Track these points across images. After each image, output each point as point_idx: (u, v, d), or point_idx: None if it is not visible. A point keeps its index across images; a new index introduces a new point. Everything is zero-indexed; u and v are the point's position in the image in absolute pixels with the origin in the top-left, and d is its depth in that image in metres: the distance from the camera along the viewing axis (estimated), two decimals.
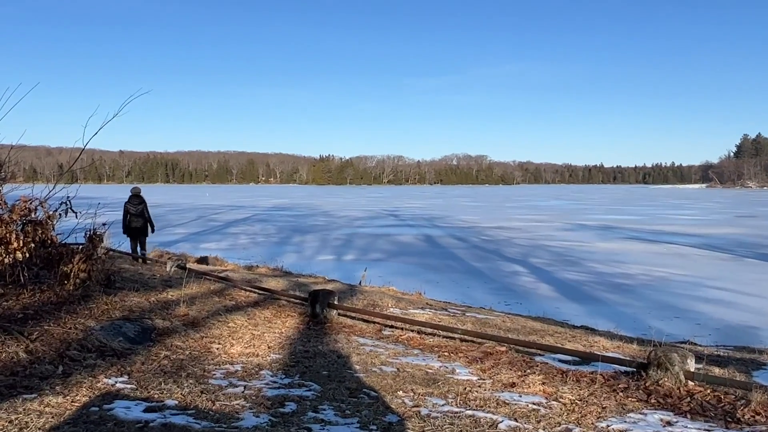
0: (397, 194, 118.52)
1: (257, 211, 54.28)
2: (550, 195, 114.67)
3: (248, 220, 41.73)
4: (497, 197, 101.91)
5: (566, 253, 23.28)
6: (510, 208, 63.90)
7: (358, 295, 10.42)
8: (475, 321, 9.01)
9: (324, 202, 77.47)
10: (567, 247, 25.12)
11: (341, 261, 21.21)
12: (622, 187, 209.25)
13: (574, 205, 71.59)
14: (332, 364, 5.59)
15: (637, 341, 8.20)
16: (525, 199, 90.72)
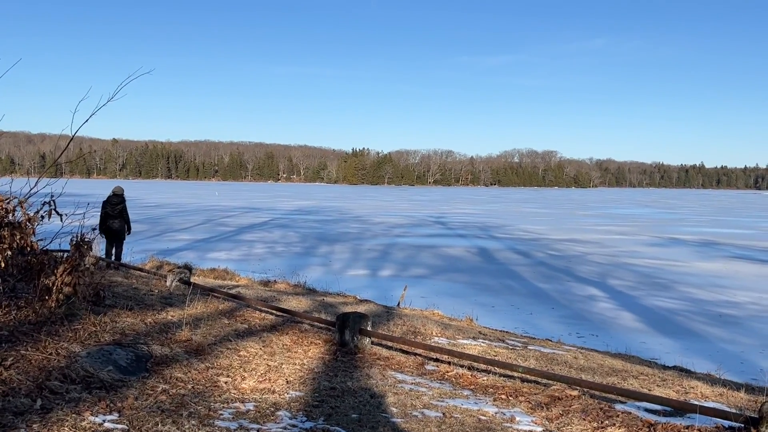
0: (445, 197, 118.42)
1: (276, 214, 54.86)
2: (636, 201, 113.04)
3: (265, 226, 42.18)
4: (568, 203, 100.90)
5: (655, 274, 22.91)
6: (584, 216, 63.19)
7: (396, 319, 10.41)
8: (539, 356, 8.90)
9: (356, 205, 77.83)
10: (656, 267, 24.72)
11: (376, 277, 21.24)
12: (727, 193, 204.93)
13: (666, 214, 70.44)
14: (363, 405, 5.57)
15: (745, 388, 8.00)
16: (603, 206, 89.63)
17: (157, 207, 60.74)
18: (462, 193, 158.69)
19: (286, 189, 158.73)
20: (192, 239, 31.98)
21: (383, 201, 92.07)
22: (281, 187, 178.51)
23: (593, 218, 59.71)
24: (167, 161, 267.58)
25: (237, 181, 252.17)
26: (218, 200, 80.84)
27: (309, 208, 66.13)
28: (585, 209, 79.29)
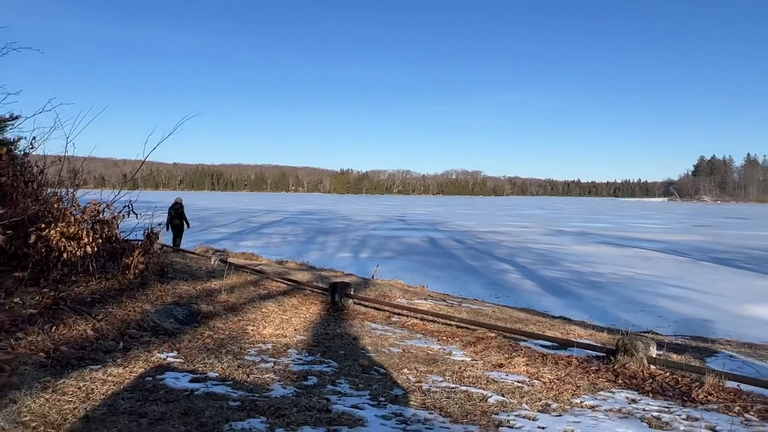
0: (405, 203, 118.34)
1: (287, 215, 54.39)
2: (535, 205, 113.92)
3: (280, 223, 41.81)
4: (490, 206, 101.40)
5: (547, 254, 23.09)
6: (500, 215, 63.54)
7: (371, 287, 10.39)
8: (469, 311, 8.95)
9: (344, 208, 77.46)
10: (548, 249, 24.92)
11: (357, 258, 21.15)
12: (595, 200, 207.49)
13: (555, 214, 71.06)
14: (348, 344, 5.57)
15: (607, 330, 8.08)
16: (513, 209, 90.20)
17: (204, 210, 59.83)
18: (417, 200, 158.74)
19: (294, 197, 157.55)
20: (228, 232, 31.59)
21: (362, 206, 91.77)
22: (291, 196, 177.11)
23: (506, 217, 60.05)
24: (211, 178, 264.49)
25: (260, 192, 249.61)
26: (246, 206, 79.88)
27: (310, 211, 65.64)
28: (501, 211, 79.71)
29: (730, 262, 21.07)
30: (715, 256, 23.12)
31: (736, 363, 6.06)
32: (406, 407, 3.72)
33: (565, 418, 3.66)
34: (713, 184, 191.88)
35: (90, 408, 3.24)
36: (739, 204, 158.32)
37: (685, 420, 3.74)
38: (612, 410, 3.89)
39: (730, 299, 13.39)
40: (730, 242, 30.07)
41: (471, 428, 3.39)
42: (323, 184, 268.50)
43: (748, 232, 38.83)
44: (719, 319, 11.43)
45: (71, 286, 5.71)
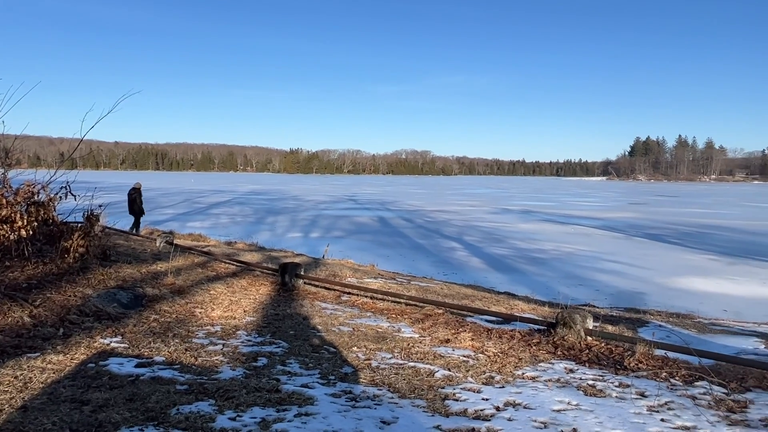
0: (355, 182, 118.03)
1: (236, 195, 53.26)
2: (482, 184, 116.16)
3: (228, 203, 40.91)
4: (438, 186, 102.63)
5: (494, 232, 23.66)
6: (449, 195, 64.48)
7: (321, 266, 10.37)
8: (418, 288, 9.07)
9: (294, 188, 76.55)
10: (494, 228, 25.52)
11: (308, 238, 21.03)
12: (539, 179, 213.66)
13: (501, 193, 72.73)
14: (298, 324, 5.56)
15: (549, 304, 8.39)
16: (461, 188, 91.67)
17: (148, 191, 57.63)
18: (367, 179, 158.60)
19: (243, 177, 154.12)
20: (175, 213, 30.67)
21: (312, 185, 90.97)
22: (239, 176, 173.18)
23: (454, 196, 61.00)
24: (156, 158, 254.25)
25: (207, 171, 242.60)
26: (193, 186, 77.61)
27: (259, 191, 64.51)
28: (449, 190, 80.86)
29: (661, 237, 22.25)
30: (648, 232, 24.34)
31: (664, 332, 6.44)
32: (355, 385, 3.76)
33: (508, 390, 3.80)
34: (648, 164, 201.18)
35: (28, 398, 3.11)
36: (670, 183, 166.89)
37: (617, 387, 3.96)
38: (551, 380, 4.06)
39: (661, 272, 14.17)
40: (662, 219, 31.70)
41: (418, 402, 3.47)
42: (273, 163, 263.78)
43: (678, 209, 41.02)
44: (651, 291, 12.09)
45: (5, 272, 5.42)
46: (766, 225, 28.37)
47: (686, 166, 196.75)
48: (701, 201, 55.27)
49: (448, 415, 3.28)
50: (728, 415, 3.43)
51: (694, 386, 4.01)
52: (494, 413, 3.33)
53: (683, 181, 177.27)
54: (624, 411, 3.44)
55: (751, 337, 6.52)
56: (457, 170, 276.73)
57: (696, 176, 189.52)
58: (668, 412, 3.46)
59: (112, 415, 2.95)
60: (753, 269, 14.68)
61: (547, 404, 3.51)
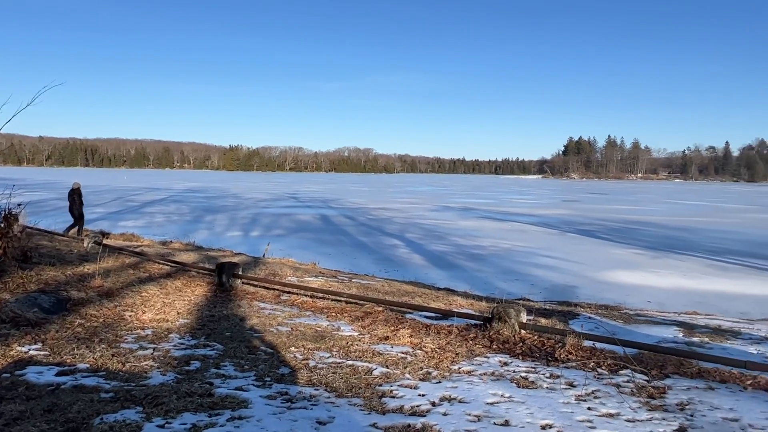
0: (297, 180, 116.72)
1: (172, 193, 51.41)
2: (423, 182, 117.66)
3: (164, 201, 39.44)
4: (381, 183, 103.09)
5: (434, 229, 23.99)
6: (391, 192, 64.88)
7: (261, 266, 10.18)
8: (359, 286, 9.07)
9: (233, 185, 74.73)
10: (435, 225, 25.88)
11: (248, 237, 20.58)
12: (479, 177, 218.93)
13: (442, 190, 73.91)
14: (235, 326, 5.42)
15: (486, 299, 8.58)
16: (403, 185, 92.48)
17: None
18: (309, 177, 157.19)
19: (180, 174, 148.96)
20: (106, 211, 29.23)
21: (253, 183, 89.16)
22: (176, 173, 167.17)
23: (396, 193, 61.45)
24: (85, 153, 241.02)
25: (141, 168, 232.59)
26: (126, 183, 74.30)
27: (197, 188, 62.56)
28: (391, 188, 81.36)
29: (592, 233, 23.29)
30: (580, 228, 25.43)
31: (593, 323, 6.74)
32: (292, 385, 3.70)
33: (444, 385, 3.86)
34: (580, 163, 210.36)
35: None
36: (601, 181, 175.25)
37: (548, 378, 4.10)
38: (486, 374, 4.16)
39: (591, 267, 14.82)
40: (593, 215, 33.20)
41: (355, 401, 3.46)
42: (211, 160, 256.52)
43: (607, 206, 43.11)
44: (582, 284, 12.62)
45: None
46: (686, 221, 30.28)
47: (615, 165, 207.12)
48: (628, 198, 58.35)
49: (385, 412, 3.29)
50: (648, 401, 3.62)
51: (619, 375, 4.21)
52: (430, 409, 3.37)
53: (612, 179, 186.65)
54: (554, 401, 3.57)
55: (672, 326, 6.92)
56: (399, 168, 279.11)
57: (624, 174, 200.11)
58: (594, 400, 3.62)
59: (27, 428, 2.76)
60: (674, 262, 15.61)
61: (481, 397, 3.59)
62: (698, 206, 44.68)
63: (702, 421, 3.31)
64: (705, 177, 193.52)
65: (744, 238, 22.05)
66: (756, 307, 10.26)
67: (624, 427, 3.18)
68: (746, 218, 32.82)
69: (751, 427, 3.24)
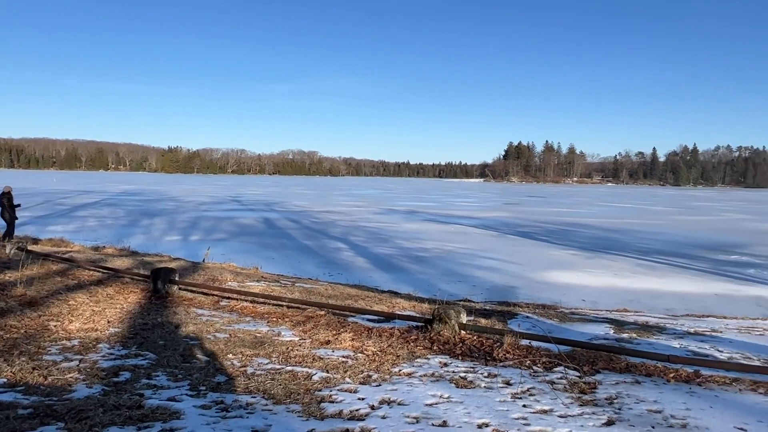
0: (239, 183, 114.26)
1: (106, 195, 49.13)
2: (368, 185, 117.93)
3: (97, 204, 37.61)
4: (325, 186, 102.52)
5: (379, 232, 24.05)
6: (336, 195, 64.61)
7: (200, 271, 9.88)
8: (302, 290, 8.96)
9: (172, 188, 72.24)
10: (379, 228, 25.95)
11: (187, 241, 19.93)
12: (423, 180, 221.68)
13: (387, 193, 74.30)
14: (169, 334, 5.22)
15: (429, 301, 8.63)
16: (348, 188, 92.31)
17: None
18: (252, 180, 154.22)
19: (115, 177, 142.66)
20: (33, 216, 27.54)
21: (193, 186, 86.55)
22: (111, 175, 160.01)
23: (341, 196, 61.25)
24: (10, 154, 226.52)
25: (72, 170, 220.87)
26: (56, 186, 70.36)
27: (134, 191, 60.06)
28: (336, 191, 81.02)
29: (531, 235, 24.04)
30: (520, 230, 26.20)
31: (530, 323, 6.93)
32: (228, 394, 3.60)
33: (384, 387, 3.85)
34: (520, 167, 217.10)
35: None
36: (539, 184, 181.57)
37: (486, 377, 4.18)
38: (426, 375, 4.19)
39: (530, 267, 15.29)
40: (532, 218, 34.30)
41: (293, 407, 3.40)
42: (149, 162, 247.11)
43: (545, 209, 44.65)
44: (521, 285, 12.98)
45: None
46: (617, 223, 31.78)
47: (553, 169, 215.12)
48: (565, 201, 60.68)
49: (323, 417, 3.25)
50: (580, 396, 3.75)
51: (553, 372, 4.35)
52: (369, 412, 3.36)
53: (550, 183, 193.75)
54: (491, 400, 3.63)
55: (604, 324, 7.22)
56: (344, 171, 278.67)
57: (561, 178, 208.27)
58: (530, 397, 3.71)
59: None
60: (607, 262, 16.34)
61: (420, 399, 3.61)
62: (628, 209, 47.04)
63: (629, 413, 3.46)
64: (635, 181, 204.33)
65: (669, 238, 23.38)
66: (680, 303, 10.88)
67: (556, 422, 3.28)
68: (671, 220, 34.85)
69: (673, 417, 3.42)
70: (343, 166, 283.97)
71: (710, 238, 23.64)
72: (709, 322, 7.60)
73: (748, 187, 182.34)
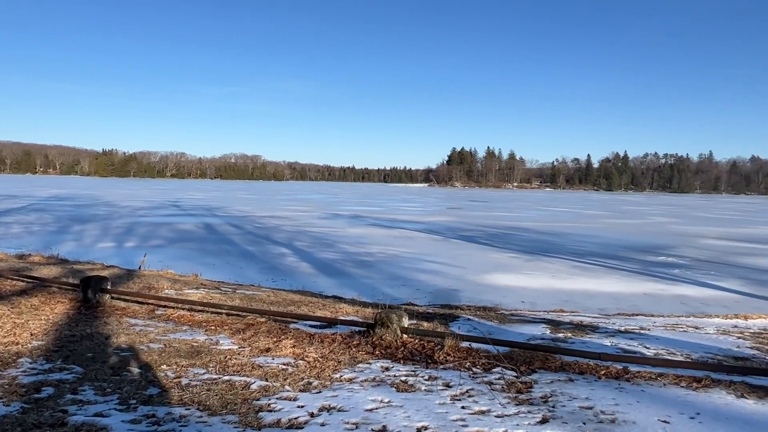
0: (179, 187, 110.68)
1: (34, 200, 46.34)
2: (313, 190, 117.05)
3: (23, 210, 35.40)
4: (269, 191, 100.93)
5: (323, 237, 23.89)
6: (280, 200, 63.72)
7: (135, 279, 9.47)
8: (243, 297, 8.75)
9: (107, 193, 69.05)
10: (324, 233, 25.79)
11: (122, 248, 19.08)
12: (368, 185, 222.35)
13: (331, 198, 73.97)
14: (99, 345, 4.96)
15: (372, 305, 8.61)
16: (292, 193, 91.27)
17: None
18: (193, 184, 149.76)
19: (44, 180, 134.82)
20: None
21: (130, 190, 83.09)
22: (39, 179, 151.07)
23: (286, 201, 60.47)
24: None
25: None
26: None
27: (64, 196, 56.95)
28: (280, 195, 79.92)
29: (473, 238, 24.56)
30: (463, 234, 26.71)
31: (471, 325, 7.05)
32: (160, 407, 3.45)
33: (324, 394, 3.81)
34: (463, 172, 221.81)
35: None
36: (482, 189, 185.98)
37: (427, 380, 4.21)
38: (367, 380, 4.18)
39: (472, 270, 15.60)
40: (474, 222, 35.06)
41: (230, 418, 3.30)
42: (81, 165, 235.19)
43: (487, 213, 45.76)
44: (464, 287, 13.21)
45: None
46: (555, 226, 32.98)
47: (494, 174, 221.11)
48: (506, 205, 62.43)
49: (260, 427, 3.17)
50: (516, 396, 3.85)
51: (492, 373, 4.44)
52: (308, 420, 3.31)
53: (492, 188, 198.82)
54: (431, 403, 3.66)
55: (541, 324, 7.45)
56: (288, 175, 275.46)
57: (502, 183, 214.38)
58: (468, 399, 3.77)
59: None
60: (545, 264, 16.91)
61: (361, 404, 3.60)
62: (565, 213, 48.94)
63: (562, 411, 3.58)
64: (571, 186, 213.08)
65: (602, 241, 24.48)
66: (612, 303, 11.40)
67: (493, 422, 3.35)
68: (604, 223, 36.52)
69: (603, 413, 3.56)
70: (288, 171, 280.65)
71: (639, 241, 24.93)
72: (639, 321, 8.00)
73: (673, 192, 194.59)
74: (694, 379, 4.29)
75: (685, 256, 19.50)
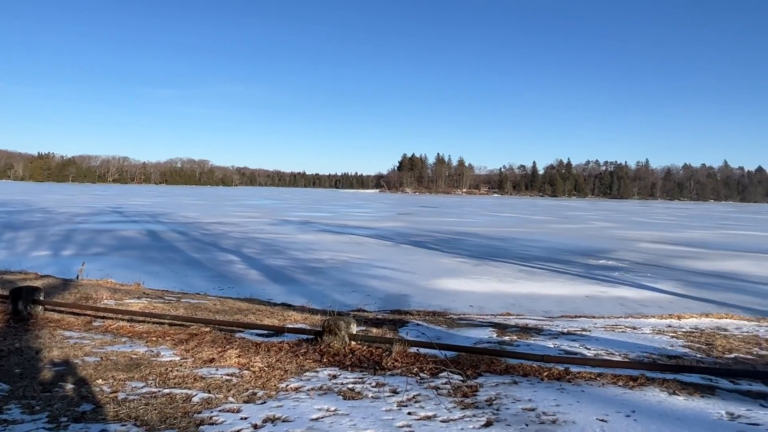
0: (122, 192, 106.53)
1: None
2: (263, 195, 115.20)
3: None
4: (217, 197, 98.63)
5: (273, 243, 23.53)
6: (228, 206, 62.35)
7: (72, 289, 9.02)
8: (188, 306, 8.48)
9: (42, 198, 65.57)
10: (273, 239, 25.41)
11: (58, 256, 18.13)
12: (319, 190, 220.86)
13: (282, 204, 73.03)
14: (29, 360, 4.69)
15: (321, 312, 8.55)
16: (241, 199, 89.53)
17: None
18: (136, 189, 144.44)
19: None
20: None
21: (68, 195, 79.22)
22: None
23: (234, 207, 59.23)
24: None
25: None
26: None
27: None
28: (228, 201, 78.21)
29: (423, 244, 24.79)
30: (413, 239, 26.92)
31: (420, 330, 7.10)
32: (93, 424, 3.28)
33: (269, 404, 3.74)
34: (413, 178, 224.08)
35: None
36: (432, 195, 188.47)
37: (374, 387, 4.20)
38: (314, 389, 4.12)
39: (422, 275, 15.73)
40: (424, 227, 35.41)
41: None
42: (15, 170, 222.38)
43: (437, 219, 46.33)
44: (414, 293, 13.29)
45: None
46: (502, 231, 33.76)
47: (444, 180, 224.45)
48: (455, 211, 63.43)
49: None
50: (462, 400, 3.89)
51: (438, 377, 4.47)
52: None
53: (442, 194, 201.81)
54: (377, 410, 3.65)
55: (488, 328, 7.58)
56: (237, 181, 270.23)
57: (452, 189, 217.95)
58: (415, 404, 3.79)
59: None
60: (492, 269, 17.25)
61: (306, 414, 3.54)
62: (512, 218, 50.21)
63: (506, 413, 3.64)
64: (518, 192, 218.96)
65: (547, 245, 25.24)
66: (556, 306, 11.75)
67: (439, 427, 3.37)
68: (548, 228, 37.68)
69: (545, 414, 3.65)
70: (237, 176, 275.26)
71: (582, 245, 25.86)
72: (581, 322, 8.27)
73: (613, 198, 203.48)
74: (630, 378, 4.47)
75: (624, 260, 20.36)
